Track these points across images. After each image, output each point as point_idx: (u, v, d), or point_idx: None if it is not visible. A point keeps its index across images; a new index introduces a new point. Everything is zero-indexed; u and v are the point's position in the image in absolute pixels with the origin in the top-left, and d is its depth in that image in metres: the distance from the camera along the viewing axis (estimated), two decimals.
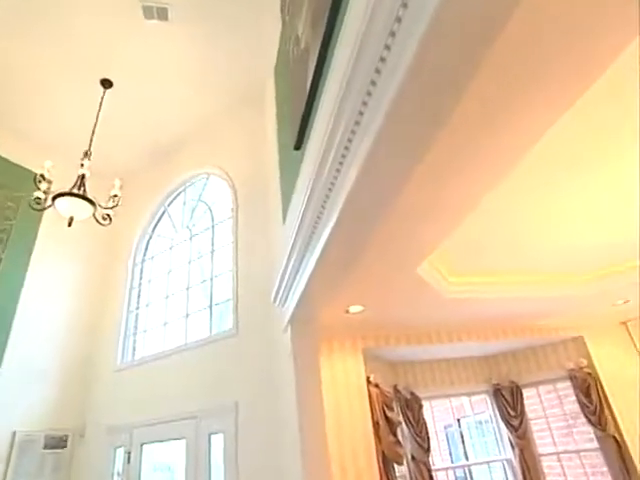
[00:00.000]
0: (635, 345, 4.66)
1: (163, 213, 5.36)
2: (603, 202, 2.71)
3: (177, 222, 5.15)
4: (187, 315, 4.47)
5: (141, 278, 5.17)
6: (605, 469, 4.17)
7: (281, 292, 2.92)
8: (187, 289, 4.62)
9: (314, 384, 2.91)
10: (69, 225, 3.46)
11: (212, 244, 4.58)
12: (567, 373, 4.58)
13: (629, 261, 3.59)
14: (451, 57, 1.22)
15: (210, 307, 4.30)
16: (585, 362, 4.49)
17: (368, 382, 3.59)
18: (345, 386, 3.48)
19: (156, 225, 5.38)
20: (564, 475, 4.66)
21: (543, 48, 1.26)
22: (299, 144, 2.59)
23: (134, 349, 4.76)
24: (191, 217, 5.03)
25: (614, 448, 4.10)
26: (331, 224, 1.97)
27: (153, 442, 4.00)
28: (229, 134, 4.87)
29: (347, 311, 3.21)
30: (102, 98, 4.29)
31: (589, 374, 4.43)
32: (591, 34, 1.24)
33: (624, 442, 4.12)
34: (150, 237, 5.36)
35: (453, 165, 1.73)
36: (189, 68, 4.35)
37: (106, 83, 4.30)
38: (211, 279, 4.41)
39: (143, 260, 5.27)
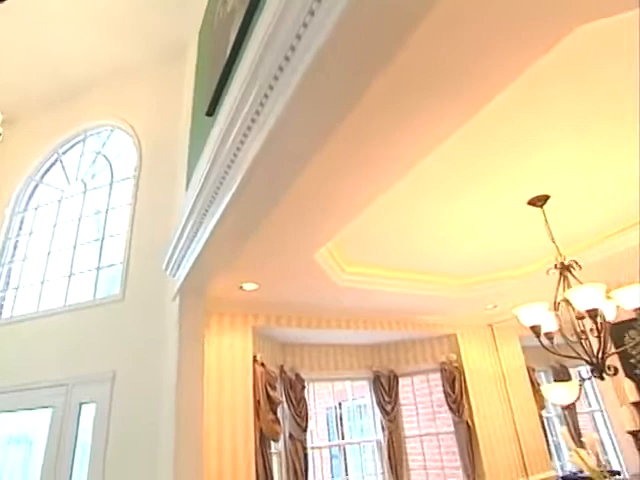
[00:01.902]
0: (496, 345, 5.31)
1: (56, 161, 4.83)
2: (482, 217, 3.01)
3: (71, 173, 4.68)
4: (70, 275, 4.11)
5: (20, 229, 4.63)
6: (456, 449, 4.73)
7: (174, 260, 2.81)
8: (74, 247, 4.24)
9: (196, 357, 2.87)
10: None
11: (108, 203, 4.24)
12: (439, 366, 5.06)
13: (499, 272, 4.06)
14: (368, 40, 1.24)
15: (97, 269, 4.01)
16: (455, 357, 5.00)
17: (254, 360, 3.63)
18: (231, 362, 3.48)
19: (45, 173, 4.83)
20: (423, 454, 5.20)
21: (462, 45, 1.31)
22: (212, 110, 2.49)
23: (1, 307, 4.27)
24: (87, 170, 4.60)
25: (465, 431, 4.66)
26: (229, 196, 1.94)
27: (11, 411, 3.64)
28: (142, 90, 4.52)
29: (241, 287, 3.20)
30: None
31: (456, 368, 4.95)
32: (511, 38, 1.32)
33: (474, 426, 4.71)
34: (37, 185, 4.81)
35: (354, 156, 1.79)
36: (106, 6, 3.93)
37: None
38: (102, 239, 4.10)
39: (25, 210, 4.72)
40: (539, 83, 1.86)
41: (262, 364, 3.69)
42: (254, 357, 3.64)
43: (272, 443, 3.80)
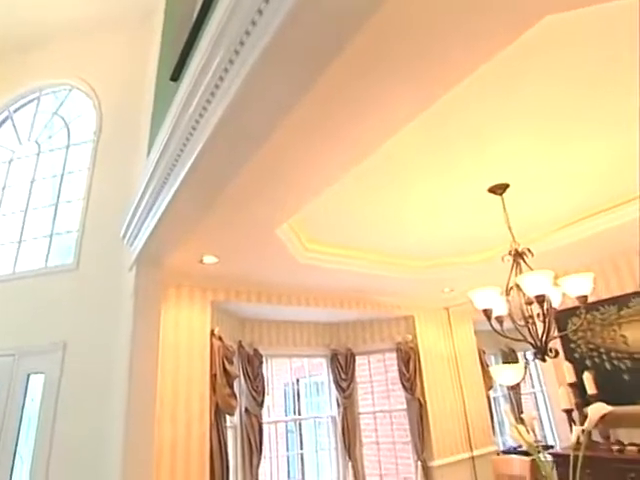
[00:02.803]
0: (451, 327, 5.52)
1: (6, 119, 4.52)
2: (444, 202, 3.07)
3: (23, 133, 4.40)
4: (20, 241, 3.91)
5: None
6: (407, 426, 4.94)
7: (132, 228, 2.73)
8: (25, 212, 4.03)
9: (152, 329, 2.83)
10: None
11: (64, 166, 4.03)
12: (395, 346, 5.20)
13: (458, 256, 4.18)
14: (336, 8, 1.21)
15: (50, 236, 3.83)
16: (410, 337, 5.16)
17: (212, 334, 3.60)
18: (188, 336, 3.44)
19: None
20: (376, 430, 5.39)
21: (428, 30, 1.32)
22: (176, 75, 2.39)
23: None
24: (42, 131, 4.34)
25: (417, 409, 4.86)
26: (190, 163, 1.89)
27: None
28: (106, 49, 4.27)
29: (201, 261, 3.15)
30: None
31: (412, 348, 5.11)
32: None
33: (425, 404, 4.91)
34: None
35: (318, 130, 1.77)
36: None
37: None
38: (56, 205, 3.91)
39: None
40: (498, 75, 1.88)
41: (220, 338, 3.67)
42: (212, 331, 3.61)
43: (228, 417, 3.82)
